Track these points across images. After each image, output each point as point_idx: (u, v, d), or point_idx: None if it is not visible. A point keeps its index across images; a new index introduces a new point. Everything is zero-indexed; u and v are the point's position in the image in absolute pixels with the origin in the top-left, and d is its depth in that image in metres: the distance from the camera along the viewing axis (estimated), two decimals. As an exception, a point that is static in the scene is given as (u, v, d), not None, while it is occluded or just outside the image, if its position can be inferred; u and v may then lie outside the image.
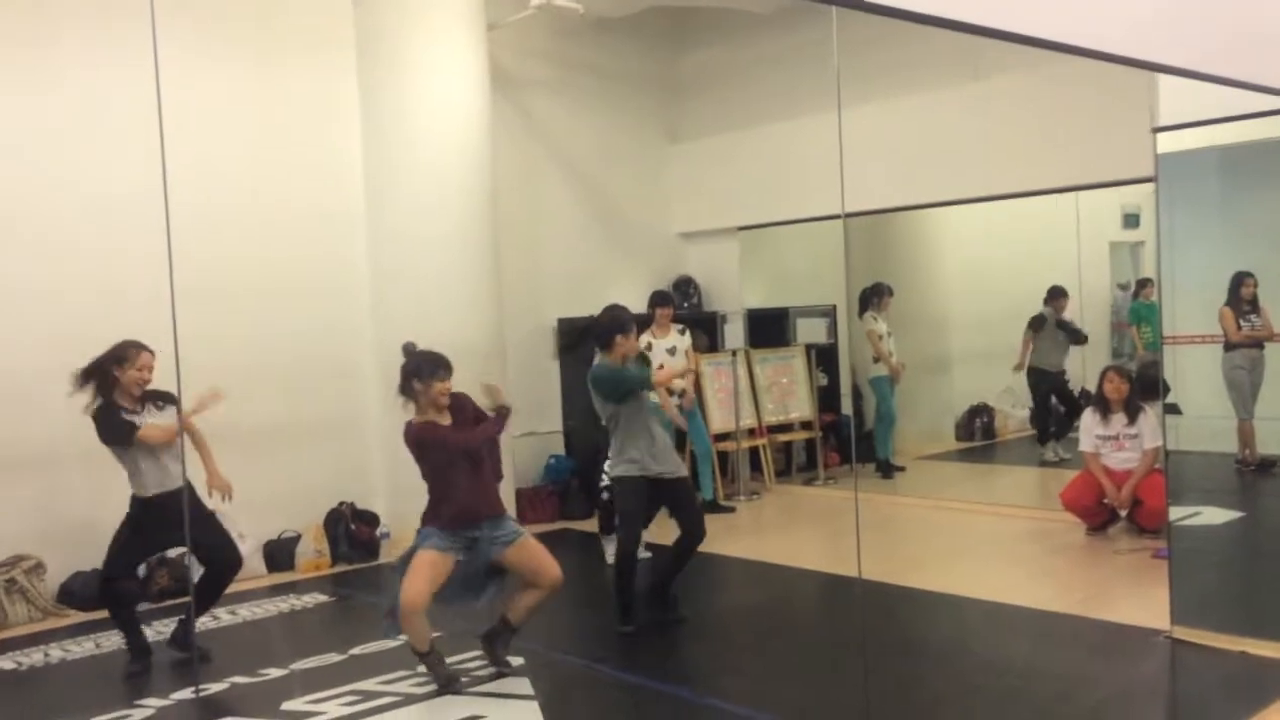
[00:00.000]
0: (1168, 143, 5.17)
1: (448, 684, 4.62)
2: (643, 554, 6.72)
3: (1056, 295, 9.41)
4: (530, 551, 4.75)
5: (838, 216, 9.23)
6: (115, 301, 6.28)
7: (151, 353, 4.96)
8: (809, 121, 8.65)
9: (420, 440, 4.63)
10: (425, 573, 4.53)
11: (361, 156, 7.63)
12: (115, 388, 4.94)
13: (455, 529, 4.62)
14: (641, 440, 5.33)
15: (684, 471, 5.55)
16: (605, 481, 6.52)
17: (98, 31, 6.42)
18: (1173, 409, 8.15)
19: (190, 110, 6.75)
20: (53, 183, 6.34)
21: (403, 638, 4.71)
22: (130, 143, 6.13)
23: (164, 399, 5.06)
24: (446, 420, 4.66)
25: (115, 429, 4.92)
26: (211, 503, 5.19)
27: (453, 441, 4.60)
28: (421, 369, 4.58)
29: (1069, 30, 3.52)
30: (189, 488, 4.98)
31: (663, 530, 6.64)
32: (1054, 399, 9.55)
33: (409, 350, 4.71)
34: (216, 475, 5.13)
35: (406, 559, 4.65)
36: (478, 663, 4.91)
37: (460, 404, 4.72)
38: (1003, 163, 7.56)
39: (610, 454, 5.52)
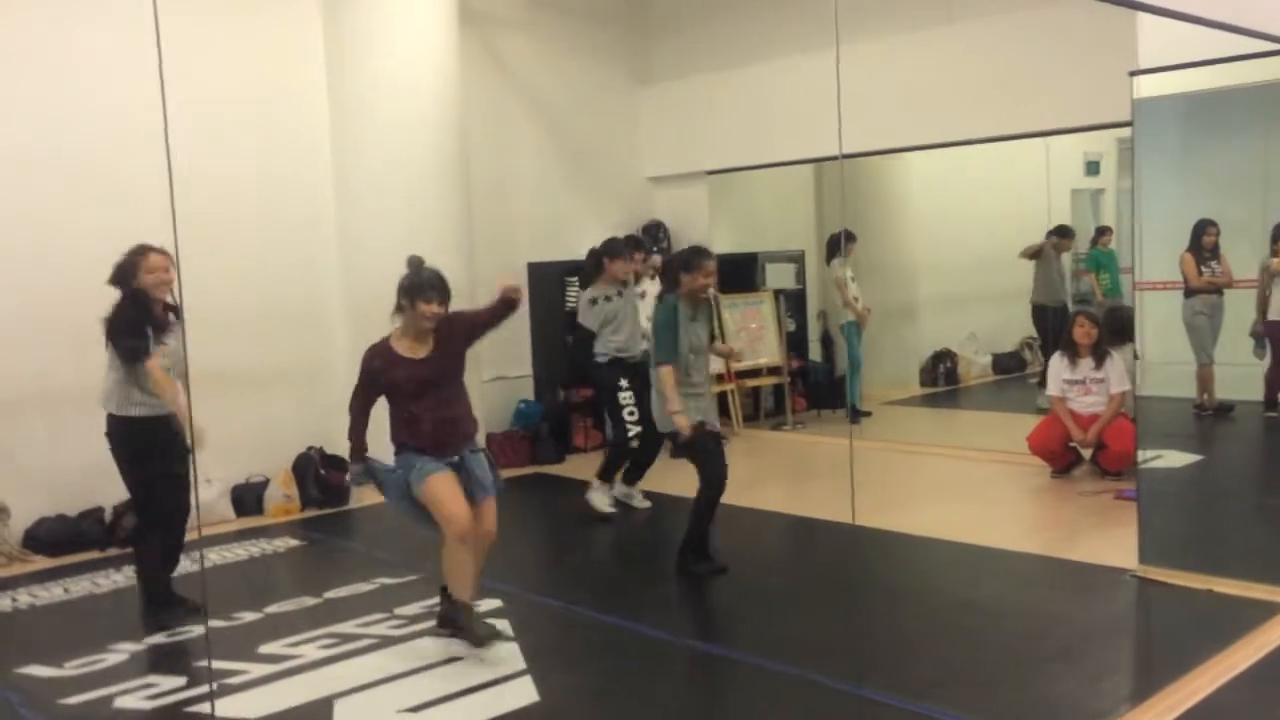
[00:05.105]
0: (1140, 88, 5.19)
1: (487, 640, 4.32)
2: (643, 502, 6.72)
3: (1064, 234, 9.49)
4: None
5: (808, 161, 9.27)
6: (65, 242, 6.19)
7: (162, 252, 4.64)
8: (778, 65, 8.59)
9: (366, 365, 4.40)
10: (451, 491, 4.28)
11: (327, 95, 7.46)
12: (143, 296, 4.67)
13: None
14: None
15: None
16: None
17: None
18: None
19: (151, 57, 6.57)
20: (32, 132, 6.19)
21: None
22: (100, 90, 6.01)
23: (175, 312, 4.80)
24: (426, 344, 4.39)
25: (132, 336, 4.62)
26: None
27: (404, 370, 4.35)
28: (413, 286, 4.34)
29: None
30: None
31: (669, 481, 6.70)
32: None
33: (413, 264, 4.45)
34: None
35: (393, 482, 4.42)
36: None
37: (451, 325, 4.43)
38: (977, 107, 7.53)
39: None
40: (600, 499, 6.64)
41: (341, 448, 7.30)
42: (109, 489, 6.26)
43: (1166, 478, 6.50)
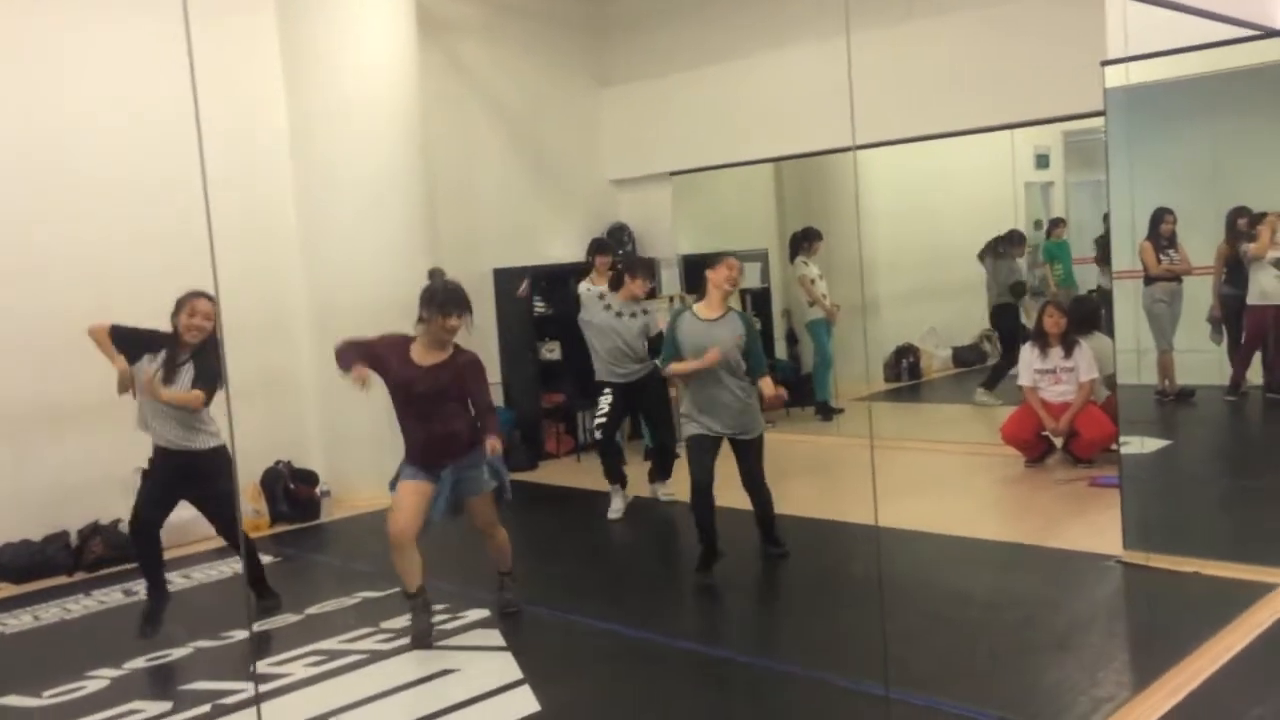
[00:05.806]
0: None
1: (422, 639, 4.52)
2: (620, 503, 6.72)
3: (1016, 242, 9.48)
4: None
5: (772, 159, 9.29)
6: (26, 261, 6.04)
7: (208, 299, 4.69)
8: (739, 64, 8.60)
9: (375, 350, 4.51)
10: (407, 502, 4.47)
11: (285, 105, 7.32)
12: (175, 334, 4.76)
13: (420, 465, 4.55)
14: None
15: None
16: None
17: None
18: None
19: (104, 56, 6.45)
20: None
21: None
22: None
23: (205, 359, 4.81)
24: (439, 358, 4.45)
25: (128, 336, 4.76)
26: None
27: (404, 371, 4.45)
28: (435, 298, 4.38)
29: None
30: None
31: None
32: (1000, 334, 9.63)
33: (435, 276, 4.54)
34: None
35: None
36: (443, 616, 4.83)
37: (474, 370, 4.53)
38: (950, 101, 7.50)
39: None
40: (616, 504, 6.69)
41: (310, 462, 7.28)
42: (74, 512, 6.15)
43: (1138, 463, 6.58)
